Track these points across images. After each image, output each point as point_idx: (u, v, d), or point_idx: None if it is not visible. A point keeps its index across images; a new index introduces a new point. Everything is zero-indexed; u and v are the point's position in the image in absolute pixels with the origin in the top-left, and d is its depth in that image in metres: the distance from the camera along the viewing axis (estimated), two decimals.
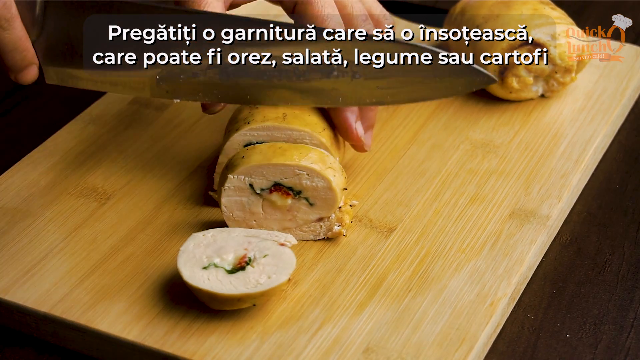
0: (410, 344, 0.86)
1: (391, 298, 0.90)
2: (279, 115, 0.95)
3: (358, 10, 0.99)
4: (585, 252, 0.99)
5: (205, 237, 0.90)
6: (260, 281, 0.87)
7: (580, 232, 1.01)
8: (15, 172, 1.03)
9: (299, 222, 0.95)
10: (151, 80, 0.96)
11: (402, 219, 0.98)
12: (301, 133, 0.94)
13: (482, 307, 0.88)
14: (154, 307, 0.89)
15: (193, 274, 0.87)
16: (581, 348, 0.89)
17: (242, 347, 0.85)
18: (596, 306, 0.93)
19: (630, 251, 0.99)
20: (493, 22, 1.10)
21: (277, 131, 0.94)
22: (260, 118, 0.95)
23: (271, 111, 0.95)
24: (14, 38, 0.91)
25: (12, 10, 0.89)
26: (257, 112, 0.95)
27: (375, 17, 1.03)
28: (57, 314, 0.88)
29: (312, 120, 0.95)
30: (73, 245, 0.95)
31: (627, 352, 0.89)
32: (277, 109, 0.95)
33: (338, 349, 0.85)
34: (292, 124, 0.94)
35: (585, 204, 1.04)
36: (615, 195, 1.05)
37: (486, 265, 0.92)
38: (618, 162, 1.09)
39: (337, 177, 0.93)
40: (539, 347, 0.89)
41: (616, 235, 1.00)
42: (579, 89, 1.13)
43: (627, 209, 1.03)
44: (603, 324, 0.91)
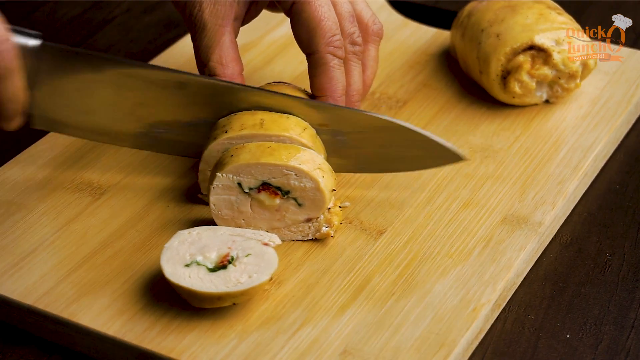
0: (388, 347, 0.85)
1: (374, 301, 0.89)
2: (256, 122, 0.94)
3: (346, 11, 0.99)
4: (585, 253, 0.98)
5: (191, 234, 0.91)
6: (241, 280, 0.87)
7: (580, 232, 1.00)
8: (13, 165, 1.04)
9: (287, 222, 0.95)
10: (135, 135, 0.99)
11: (392, 222, 0.97)
12: (280, 138, 0.94)
13: (465, 313, 0.88)
14: (136, 303, 0.89)
15: (175, 271, 0.87)
16: (582, 348, 0.89)
17: (220, 345, 0.86)
18: (597, 306, 0.93)
19: (631, 251, 0.98)
20: (498, 26, 1.09)
21: (255, 139, 0.94)
22: (238, 126, 0.94)
23: (248, 118, 0.95)
24: (14, 89, 0.90)
25: (16, 62, 0.89)
26: (235, 120, 0.95)
27: (364, 22, 1.03)
28: (40, 307, 0.89)
29: (291, 122, 0.95)
30: (64, 239, 0.96)
31: (627, 352, 0.88)
32: (255, 115, 0.95)
33: (315, 350, 0.85)
34: (270, 129, 0.94)
35: (586, 204, 1.03)
36: (616, 196, 1.04)
37: (472, 271, 0.92)
38: (619, 162, 1.08)
39: (325, 178, 0.93)
40: (539, 347, 0.89)
41: (617, 236, 1.00)
42: (585, 96, 1.12)
43: (627, 209, 1.03)
44: (604, 325, 0.91)
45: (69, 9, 1.36)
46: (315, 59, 0.97)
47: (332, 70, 0.97)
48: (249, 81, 1.15)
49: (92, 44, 1.30)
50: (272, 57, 1.20)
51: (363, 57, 1.03)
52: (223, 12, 0.99)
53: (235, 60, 0.99)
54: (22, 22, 1.33)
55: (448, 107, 1.12)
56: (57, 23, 1.33)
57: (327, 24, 0.96)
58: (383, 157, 0.99)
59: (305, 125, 0.96)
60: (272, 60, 1.20)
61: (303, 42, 0.98)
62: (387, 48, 1.20)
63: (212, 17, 0.99)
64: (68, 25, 1.33)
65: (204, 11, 0.99)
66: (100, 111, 0.98)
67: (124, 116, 0.99)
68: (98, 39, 1.31)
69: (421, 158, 0.99)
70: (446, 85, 1.15)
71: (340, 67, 0.98)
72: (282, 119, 0.95)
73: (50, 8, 1.36)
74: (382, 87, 1.15)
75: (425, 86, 1.15)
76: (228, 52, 0.99)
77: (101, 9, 1.37)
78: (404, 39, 1.23)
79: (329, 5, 0.97)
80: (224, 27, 0.99)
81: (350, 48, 1.00)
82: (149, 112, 0.98)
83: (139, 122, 0.99)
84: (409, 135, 0.97)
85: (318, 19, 0.96)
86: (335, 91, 0.98)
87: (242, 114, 0.96)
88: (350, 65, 1.00)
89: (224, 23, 0.99)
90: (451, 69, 1.18)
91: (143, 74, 0.96)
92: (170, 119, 0.98)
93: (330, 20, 0.97)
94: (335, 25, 0.97)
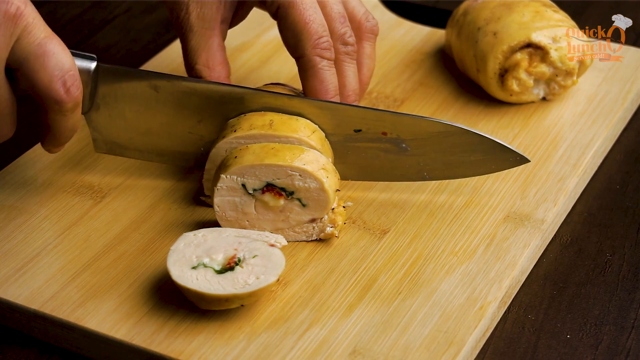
0: (398, 346, 0.85)
1: (381, 300, 0.89)
2: (265, 122, 0.94)
3: (337, 12, 0.99)
4: (585, 253, 0.98)
5: (196, 236, 0.90)
6: (249, 282, 0.87)
7: (580, 232, 1.00)
8: (13, 169, 1.04)
9: (291, 223, 0.95)
10: (196, 154, 0.99)
11: (396, 221, 0.97)
12: (289, 139, 0.94)
13: (472, 311, 0.88)
14: (143, 306, 0.89)
15: (182, 273, 0.87)
16: (582, 349, 0.89)
17: (229, 347, 0.85)
18: (597, 307, 0.93)
19: (631, 252, 0.98)
20: (494, 24, 1.10)
21: (264, 139, 0.94)
22: (247, 126, 0.94)
23: (258, 119, 0.95)
24: (75, 119, 0.92)
25: (81, 94, 0.90)
26: (245, 120, 0.95)
27: (357, 20, 1.03)
28: (46, 311, 0.89)
29: (300, 124, 0.95)
30: (66, 243, 0.96)
31: (627, 352, 0.89)
32: (264, 116, 0.95)
33: (325, 350, 0.85)
34: (279, 130, 0.94)
35: (586, 204, 1.03)
36: (616, 196, 1.05)
37: (478, 269, 0.92)
38: (618, 162, 1.09)
39: (330, 179, 0.93)
40: (539, 347, 0.89)
41: (617, 236, 1.00)
42: (581, 93, 1.13)
43: (627, 209, 1.03)
44: (604, 325, 0.91)
45: (69, 9, 1.36)
46: (303, 62, 0.97)
47: (321, 73, 0.97)
48: (246, 82, 1.16)
49: (92, 44, 1.29)
50: (269, 57, 1.20)
51: (358, 55, 1.03)
52: (210, 15, 0.99)
53: (222, 64, 0.99)
54: None
55: (445, 105, 1.12)
56: (57, 23, 1.33)
57: (313, 27, 0.96)
58: (447, 163, 0.98)
59: (314, 128, 0.96)
60: (268, 60, 1.20)
61: (290, 46, 0.98)
62: (382, 47, 1.21)
63: (199, 20, 0.99)
64: (68, 25, 1.33)
65: (191, 14, 0.99)
66: (160, 132, 0.99)
67: (185, 135, 0.99)
68: (98, 39, 1.30)
69: (485, 162, 0.98)
70: (443, 83, 1.15)
71: (330, 68, 0.97)
72: (292, 121, 0.95)
73: (50, 8, 1.36)
74: (379, 87, 1.15)
75: (421, 85, 1.15)
76: (215, 55, 0.99)
77: (101, 9, 1.36)
78: (398, 38, 1.23)
79: (315, 7, 0.97)
80: (211, 30, 0.99)
81: (342, 49, 1.00)
82: (208, 129, 0.98)
83: (201, 140, 0.99)
84: (471, 139, 0.97)
85: (304, 22, 0.96)
86: (327, 93, 0.98)
87: (252, 115, 0.96)
88: (343, 65, 1.00)
89: (211, 26, 0.99)
90: (447, 67, 1.18)
91: (201, 90, 0.96)
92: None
93: (316, 22, 0.96)
94: (322, 27, 0.97)
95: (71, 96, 0.89)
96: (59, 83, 0.88)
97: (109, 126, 0.98)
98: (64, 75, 0.88)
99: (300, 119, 0.96)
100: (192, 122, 0.98)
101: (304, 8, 0.96)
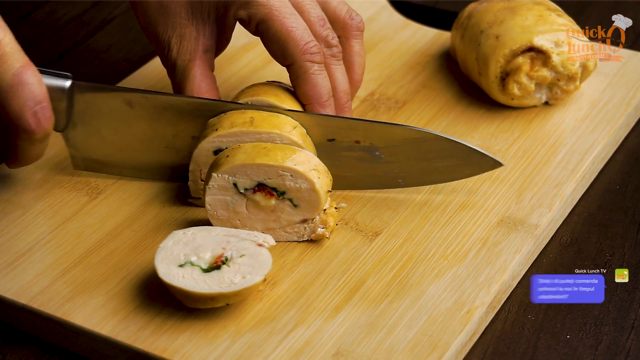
0: (381, 349, 0.85)
1: (368, 302, 0.89)
2: (246, 120, 0.95)
3: (315, 15, 0.99)
4: (585, 253, 0.98)
5: (186, 234, 0.91)
6: (235, 281, 0.87)
7: (580, 232, 1.00)
8: None
9: (282, 223, 0.95)
10: (172, 168, 1.01)
11: (389, 223, 0.97)
12: (270, 135, 0.94)
13: (458, 315, 0.87)
14: (130, 303, 0.89)
15: (169, 271, 0.87)
16: (581, 349, 0.89)
17: (213, 346, 0.86)
18: (596, 307, 0.92)
19: (631, 252, 0.98)
20: (497, 27, 1.09)
21: (245, 136, 0.94)
22: (228, 124, 0.95)
23: (238, 116, 0.95)
24: (42, 149, 0.93)
25: (52, 125, 0.92)
26: (225, 118, 0.96)
27: (341, 19, 1.02)
28: (34, 306, 0.89)
29: (281, 120, 0.95)
30: (59, 238, 0.96)
31: (627, 353, 0.88)
32: (245, 114, 0.96)
33: (308, 351, 0.85)
34: (261, 127, 0.94)
35: (586, 204, 1.03)
36: (616, 196, 1.04)
37: (467, 273, 0.91)
38: (619, 163, 1.08)
39: (321, 179, 0.93)
40: (539, 347, 0.89)
41: (616, 236, 0.99)
42: (585, 98, 1.12)
43: (627, 209, 1.02)
44: (603, 325, 0.91)
45: (69, 9, 1.36)
46: (294, 69, 0.97)
47: (313, 77, 0.97)
48: (249, 81, 1.16)
49: (92, 44, 1.30)
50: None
51: (347, 54, 1.03)
52: (190, 47, 1.00)
53: (208, 92, 1.00)
54: (22, 22, 1.33)
55: (447, 108, 1.12)
56: (57, 23, 1.34)
57: (297, 33, 0.96)
58: (421, 170, 0.98)
59: (295, 124, 0.96)
60: (272, 61, 1.18)
61: (279, 57, 0.98)
62: (388, 49, 1.20)
63: (180, 55, 1.00)
64: (68, 25, 1.34)
65: (172, 50, 1.00)
66: (137, 147, 1.00)
67: (161, 150, 1.00)
68: (98, 39, 1.31)
69: (459, 167, 0.98)
70: (445, 86, 1.15)
71: (321, 72, 0.97)
72: (272, 117, 0.95)
73: (50, 8, 1.36)
74: (381, 88, 1.15)
75: (424, 87, 1.15)
76: (200, 85, 1.00)
77: (101, 9, 1.37)
78: (404, 40, 1.23)
79: (294, 14, 0.97)
80: (192, 61, 1.00)
81: (327, 51, 1.00)
82: (184, 143, 0.99)
83: (177, 154, 1.00)
84: (445, 145, 0.97)
85: (286, 31, 0.96)
86: (321, 97, 0.98)
87: (231, 113, 0.96)
88: (330, 68, 1.00)
89: (192, 58, 1.00)
90: (451, 70, 1.17)
91: (175, 105, 0.97)
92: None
93: (299, 29, 0.96)
94: (306, 32, 0.97)
95: (41, 127, 0.90)
96: (30, 114, 0.89)
97: (86, 143, 1.00)
98: (35, 106, 0.89)
99: (281, 115, 0.96)
100: (167, 136, 0.99)
101: (284, 17, 0.96)
